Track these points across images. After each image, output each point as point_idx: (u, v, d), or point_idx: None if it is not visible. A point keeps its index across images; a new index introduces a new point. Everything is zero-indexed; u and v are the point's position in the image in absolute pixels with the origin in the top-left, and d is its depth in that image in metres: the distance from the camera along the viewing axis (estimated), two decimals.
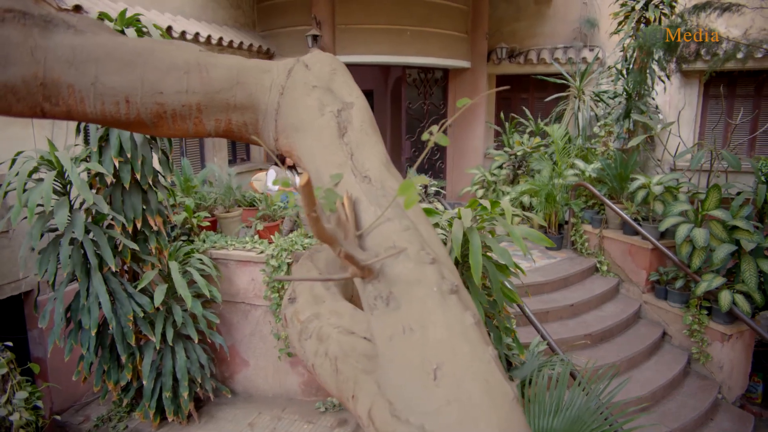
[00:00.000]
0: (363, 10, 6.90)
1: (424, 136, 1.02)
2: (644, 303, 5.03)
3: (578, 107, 6.53)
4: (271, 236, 4.86)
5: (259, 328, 4.88)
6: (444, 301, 0.94)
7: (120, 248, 3.91)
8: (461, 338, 0.92)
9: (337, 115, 1.15)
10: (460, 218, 2.86)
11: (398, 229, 0.99)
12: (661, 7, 5.44)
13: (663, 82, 6.27)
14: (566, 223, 6.01)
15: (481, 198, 7.16)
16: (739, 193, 4.54)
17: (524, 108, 8.01)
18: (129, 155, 3.62)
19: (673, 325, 4.74)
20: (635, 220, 5.11)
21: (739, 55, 5.47)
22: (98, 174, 3.75)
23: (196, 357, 4.32)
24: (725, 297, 4.14)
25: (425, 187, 4.41)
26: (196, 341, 4.24)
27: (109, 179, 3.67)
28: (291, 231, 5.53)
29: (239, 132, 1.22)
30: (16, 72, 0.98)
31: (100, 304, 3.65)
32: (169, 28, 5.11)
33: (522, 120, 7.55)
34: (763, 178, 4.69)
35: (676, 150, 6.08)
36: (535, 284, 4.90)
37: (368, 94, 11.18)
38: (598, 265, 5.47)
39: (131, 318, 3.82)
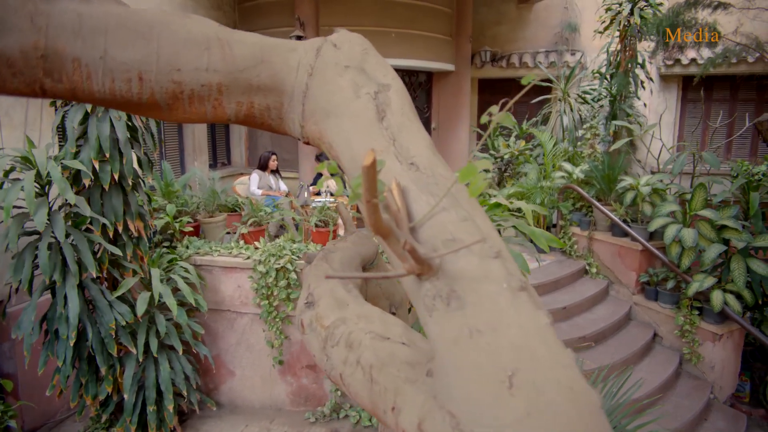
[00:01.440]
0: (347, 12, 6.81)
1: (483, 119, 0.93)
2: (634, 304, 5.04)
3: (564, 110, 6.56)
4: (256, 242, 4.70)
5: (245, 336, 4.70)
6: (515, 299, 0.83)
7: (99, 254, 3.70)
8: (538, 340, 0.81)
9: (374, 97, 1.04)
10: None
11: (455, 220, 0.88)
12: (647, 10, 5.50)
13: (644, 87, 6.35)
14: (554, 225, 6.00)
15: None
16: (724, 199, 4.59)
17: (507, 112, 8.01)
18: (108, 155, 3.44)
19: (664, 326, 4.75)
20: (624, 221, 5.13)
21: (733, 60, 5.57)
22: (75, 175, 3.55)
23: (181, 368, 4.12)
24: (717, 297, 4.16)
25: None
26: (181, 352, 4.04)
27: (88, 180, 3.47)
28: (277, 236, 5.38)
29: (261, 117, 1.10)
30: (13, 41, 0.85)
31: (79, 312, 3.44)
32: None
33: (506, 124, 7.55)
34: (748, 180, 4.76)
35: (660, 152, 6.15)
36: None
37: None
38: (587, 268, 5.47)
39: (113, 327, 3.61)
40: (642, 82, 6.25)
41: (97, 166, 3.46)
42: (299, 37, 6.48)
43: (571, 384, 0.76)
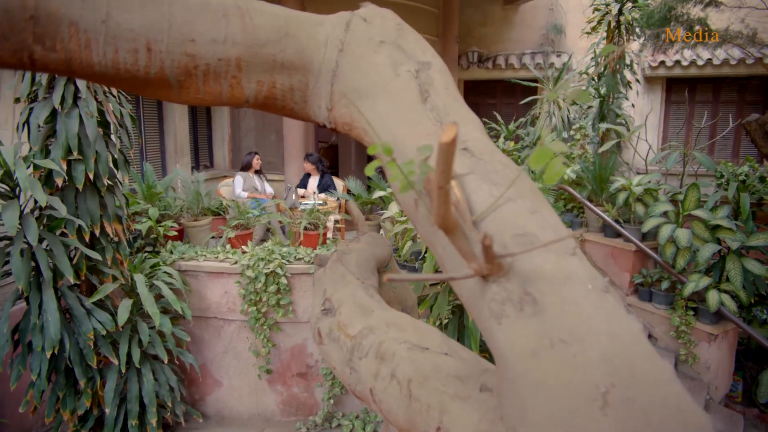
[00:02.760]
0: (333, 10, 6.66)
1: (551, 96, 0.81)
2: (628, 306, 5.00)
3: (552, 111, 6.53)
4: (244, 246, 4.52)
5: (233, 344, 4.51)
6: (602, 303, 0.71)
7: (75, 259, 3.49)
8: (634, 351, 0.69)
9: (415, 75, 0.92)
10: None
11: (523, 212, 0.76)
12: (635, 12, 5.51)
13: (631, 87, 6.37)
14: None
15: None
16: (716, 192, 4.59)
17: (494, 113, 7.98)
18: (80, 153, 3.23)
19: (659, 327, 4.72)
20: (616, 222, 5.09)
21: (718, 62, 5.56)
22: (47, 175, 3.33)
23: (165, 379, 3.92)
24: (713, 297, 4.14)
25: None
26: (166, 361, 3.84)
27: (60, 180, 3.26)
28: (263, 240, 5.20)
29: (283, 100, 0.97)
30: None
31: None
32: None
33: (494, 125, 7.51)
34: (737, 180, 4.77)
35: (647, 153, 6.17)
36: None
37: None
38: None
39: (92, 337, 3.39)
40: (629, 83, 6.27)
41: (68, 165, 3.25)
42: None
43: (679, 403, 0.64)
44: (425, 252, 3.85)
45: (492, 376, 0.91)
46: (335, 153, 11.06)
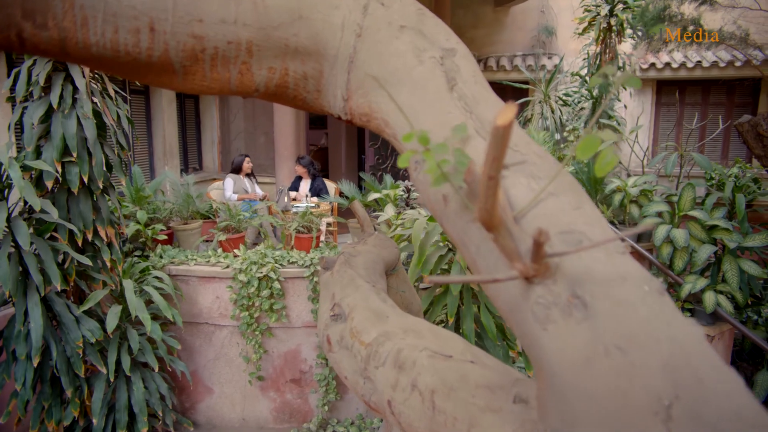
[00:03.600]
0: None
1: (593, 81, 0.75)
2: None
3: (545, 112, 6.53)
4: (236, 249, 4.43)
5: (224, 351, 4.40)
6: (661, 306, 0.64)
7: (65, 264, 3.37)
8: (699, 358, 0.62)
9: (440, 62, 0.85)
10: None
11: (567, 208, 0.70)
12: (627, 12, 5.52)
13: (625, 88, 6.38)
14: None
15: None
16: (713, 194, 4.59)
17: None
18: (75, 155, 3.13)
19: None
20: (611, 223, 5.08)
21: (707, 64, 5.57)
22: (37, 177, 3.22)
23: (156, 387, 3.80)
24: (710, 298, 4.13)
25: (407, 191, 4.15)
26: (156, 369, 3.73)
27: (51, 183, 3.15)
28: (254, 243, 5.11)
29: (295, 89, 0.90)
30: None
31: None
32: None
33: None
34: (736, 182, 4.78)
35: (644, 155, 6.17)
36: None
37: None
38: None
39: (80, 345, 3.28)
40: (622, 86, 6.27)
41: (61, 167, 3.14)
42: None
43: (754, 418, 0.57)
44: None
45: (526, 385, 0.84)
46: (325, 156, 10.98)
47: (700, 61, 7.27)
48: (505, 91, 9.11)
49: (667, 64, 7.34)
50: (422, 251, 2.34)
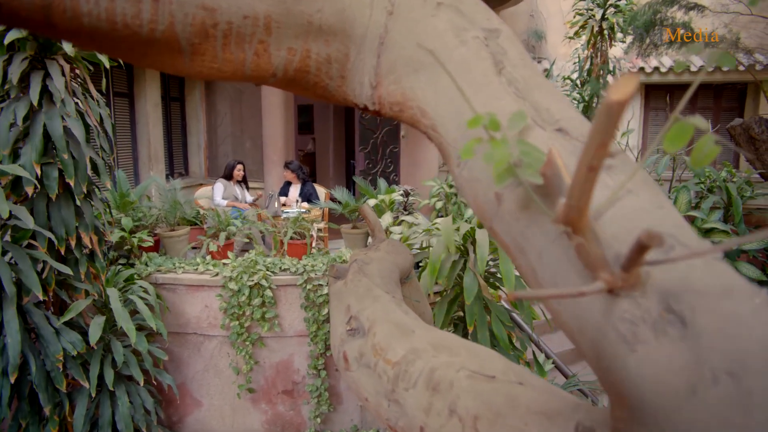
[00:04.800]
0: None
1: (678, 66, 0.66)
2: None
3: None
4: (226, 257, 4.28)
5: (213, 362, 4.24)
6: None
7: (44, 274, 3.19)
8: None
9: (485, 43, 0.75)
10: (480, 227, 2.51)
11: (649, 207, 0.60)
12: (618, 16, 5.51)
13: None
14: None
15: (438, 210, 6.90)
16: (709, 197, 4.57)
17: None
18: (56, 158, 2.97)
19: None
20: None
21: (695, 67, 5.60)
22: (14, 182, 3.04)
23: (141, 402, 3.63)
24: None
25: (406, 195, 4.05)
26: (141, 383, 3.56)
27: (31, 188, 2.98)
28: (244, 251, 4.96)
29: (316, 74, 0.79)
30: None
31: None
32: None
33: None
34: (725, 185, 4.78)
35: (635, 159, 6.16)
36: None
37: (308, 109, 10.73)
38: None
39: (60, 359, 3.10)
40: None
41: (38, 171, 2.98)
42: None
43: None
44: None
45: (589, 412, 0.73)
46: (312, 161, 10.85)
47: (688, 66, 7.32)
48: None
49: (656, 69, 7.38)
50: (436, 259, 2.24)
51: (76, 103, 3.12)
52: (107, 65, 3.17)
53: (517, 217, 0.66)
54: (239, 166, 5.73)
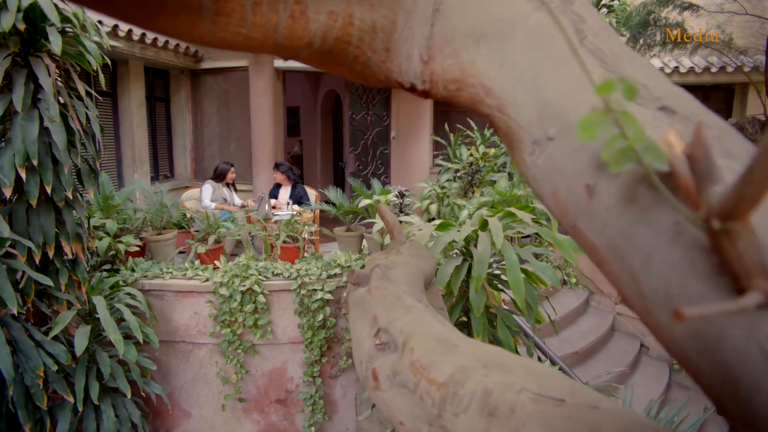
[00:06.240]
0: None
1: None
2: (617, 314, 4.88)
3: None
4: (216, 261, 4.11)
5: (203, 371, 4.07)
6: None
7: (22, 284, 3.01)
8: None
9: (561, 9, 0.63)
10: (482, 230, 2.40)
11: None
12: (611, 16, 5.48)
13: None
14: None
15: (431, 211, 6.81)
16: None
17: (468, 119, 7.85)
18: (37, 163, 2.79)
19: (651, 336, 4.60)
20: None
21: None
22: None
23: (128, 415, 3.45)
24: None
25: (401, 196, 3.94)
26: (129, 395, 3.38)
27: (9, 192, 2.80)
28: (233, 254, 4.80)
29: (358, 45, 0.67)
30: None
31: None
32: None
33: (468, 132, 7.37)
34: None
35: None
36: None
37: (294, 111, 10.57)
38: (566, 278, 5.28)
39: (41, 374, 2.91)
40: None
41: (23, 175, 2.80)
42: None
43: None
44: None
45: None
46: (299, 164, 10.69)
47: (677, 67, 7.34)
48: None
49: None
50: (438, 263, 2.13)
51: (62, 105, 2.95)
52: (94, 67, 3.01)
53: (618, 212, 0.54)
54: (232, 169, 5.59)
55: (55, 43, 2.68)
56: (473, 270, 2.18)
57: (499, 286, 2.86)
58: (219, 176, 5.50)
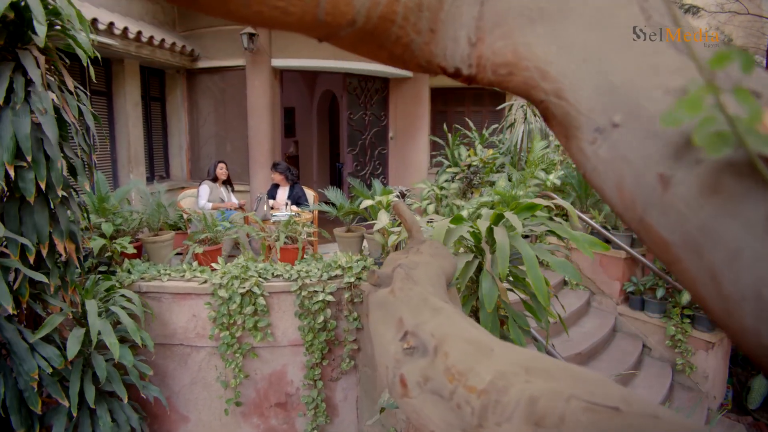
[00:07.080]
0: None
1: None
2: (619, 315, 4.85)
3: (527, 117, 6.42)
4: (214, 263, 4.04)
5: (201, 374, 4.00)
6: None
7: (16, 285, 2.93)
8: None
9: None
10: (496, 224, 2.36)
11: None
12: None
13: None
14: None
15: (428, 212, 6.76)
16: None
17: (467, 119, 7.82)
18: (30, 158, 2.72)
19: (653, 337, 4.58)
20: (604, 228, 4.96)
21: None
22: None
23: (125, 419, 3.38)
24: None
25: (402, 196, 3.89)
26: (125, 399, 3.30)
27: None
28: (231, 256, 4.73)
29: (402, 26, 0.62)
30: None
31: None
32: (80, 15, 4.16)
33: (467, 132, 7.34)
34: None
35: None
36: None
37: (290, 112, 10.50)
38: (566, 279, 5.24)
39: (36, 377, 2.84)
40: None
41: (11, 172, 2.72)
42: (252, 35, 5.89)
43: None
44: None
45: None
46: (296, 164, 10.62)
47: None
48: (483, 97, 9.03)
49: None
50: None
51: (53, 99, 2.87)
52: (84, 61, 2.93)
53: (699, 205, 0.49)
54: (221, 165, 5.50)
55: (40, 34, 2.59)
56: (496, 264, 2.15)
57: (507, 286, 2.82)
58: (212, 175, 5.44)
